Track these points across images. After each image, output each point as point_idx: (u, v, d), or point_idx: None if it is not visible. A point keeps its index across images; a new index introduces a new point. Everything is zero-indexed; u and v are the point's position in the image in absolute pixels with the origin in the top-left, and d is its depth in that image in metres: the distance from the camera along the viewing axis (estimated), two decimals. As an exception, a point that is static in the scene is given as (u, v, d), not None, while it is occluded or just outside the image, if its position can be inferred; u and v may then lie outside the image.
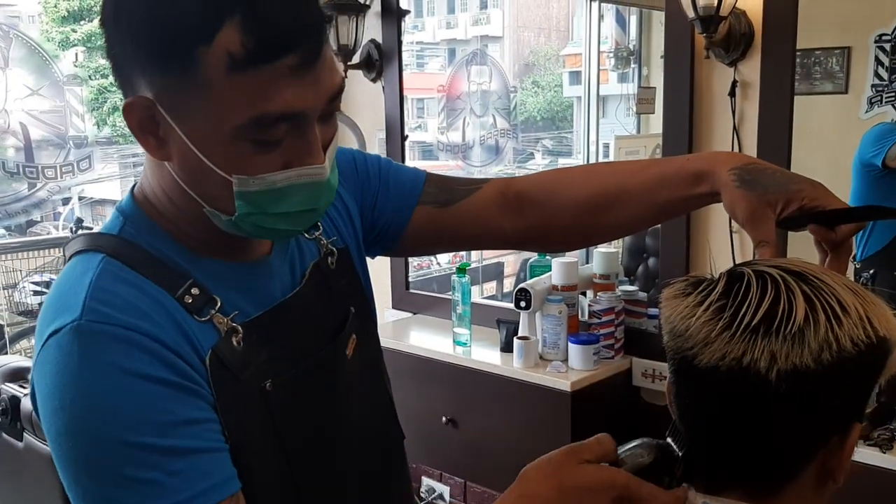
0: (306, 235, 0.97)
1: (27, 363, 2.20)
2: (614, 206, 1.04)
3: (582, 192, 1.06)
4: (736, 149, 2.25)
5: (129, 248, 0.82)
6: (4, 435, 2.01)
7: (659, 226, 2.57)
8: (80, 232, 4.38)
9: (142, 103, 0.75)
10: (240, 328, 0.84)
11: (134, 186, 0.88)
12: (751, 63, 2.21)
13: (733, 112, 2.24)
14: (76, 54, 8.53)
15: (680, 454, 0.76)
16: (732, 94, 2.24)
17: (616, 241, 3.47)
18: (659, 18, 3.49)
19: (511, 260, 4.74)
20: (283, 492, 0.89)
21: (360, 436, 1.00)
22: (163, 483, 0.74)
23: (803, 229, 0.92)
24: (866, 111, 2.58)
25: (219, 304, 0.83)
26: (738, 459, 0.74)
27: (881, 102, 2.45)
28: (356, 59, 3.03)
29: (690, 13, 2.14)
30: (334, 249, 1.00)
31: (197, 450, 0.77)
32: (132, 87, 0.76)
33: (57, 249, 4.57)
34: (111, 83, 9.52)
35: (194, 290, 0.82)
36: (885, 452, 1.85)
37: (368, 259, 1.10)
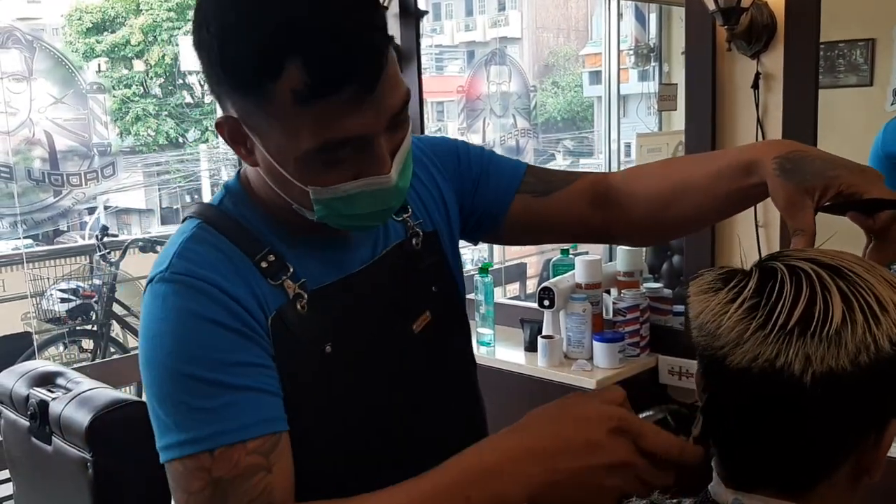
0: (395, 218, 1.04)
1: (54, 367, 2.21)
2: (680, 200, 1.05)
3: (652, 187, 1.08)
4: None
5: (223, 218, 0.94)
6: (34, 439, 2.02)
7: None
8: (105, 239, 4.43)
9: (229, 122, 0.86)
10: (305, 294, 0.93)
11: (240, 168, 1.00)
12: (774, 54, 2.18)
13: (756, 105, 2.22)
14: (99, 64, 8.64)
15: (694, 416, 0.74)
16: (755, 86, 2.21)
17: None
18: (679, 14, 3.47)
19: (533, 261, 4.73)
20: (336, 453, 0.95)
21: (425, 413, 1.03)
22: (212, 411, 0.83)
23: (844, 215, 0.91)
24: (892, 103, 2.54)
25: (290, 270, 0.92)
26: (770, 458, 0.73)
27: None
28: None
29: (711, 5, 2.12)
30: (420, 232, 1.06)
31: (246, 388, 0.85)
32: (223, 105, 0.86)
33: (83, 257, 4.63)
34: (134, 93, 9.63)
35: (270, 257, 0.92)
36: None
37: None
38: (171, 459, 0.84)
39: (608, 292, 2.65)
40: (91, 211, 6.56)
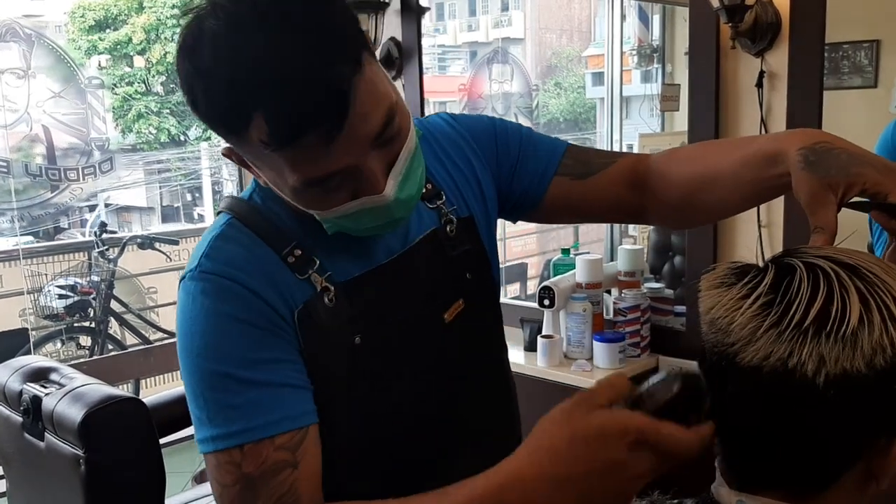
0: (428, 205, 1.05)
1: (48, 363, 2.19)
2: (710, 188, 1.04)
3: (685, 174, 1.07)
4: (763, 141, 2.20)
5: (252, 212, 0.97)
6: (26, 435, 2.00)
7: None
8: (103, 235, 4.42)
9: (232, 152, 0.89)
10: (332, 287, 0.94)
11: None
12: (778, 53, 2.16)
13: (760, 104, 2.20)
14: (99, 61, 8.62)
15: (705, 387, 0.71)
16: (760, 85, 2.19)
17: (641, 238, 3.43)
18: (682, 14, 3.45)
19: (535, 261, 4.71)
20: (367, 443, 0.96)
21: (458, 401, 1.03)
22: (241, 407, 0.87)
23: (868, 213, 0.88)
24: (897, 104, 2.53)
25: (317, 264, 0.94)
26: (777, 460, 0.71)
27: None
28: (376, 56, 3.01)
29: (716, 3, 2.10)
30: (453, 218, 1.06)
31: (273, 384, 0.88)
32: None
33: (81, 253, 4.61)
34: (136, 90, 9.63)
35: (297, 252, 0.94)
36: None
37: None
38: (206, 452, 0.88)
39: (609, 292, 2.63)
40: (92, 208, 6.55)
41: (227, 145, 0.89)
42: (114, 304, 4.46)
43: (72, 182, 3.50)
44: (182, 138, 9.56)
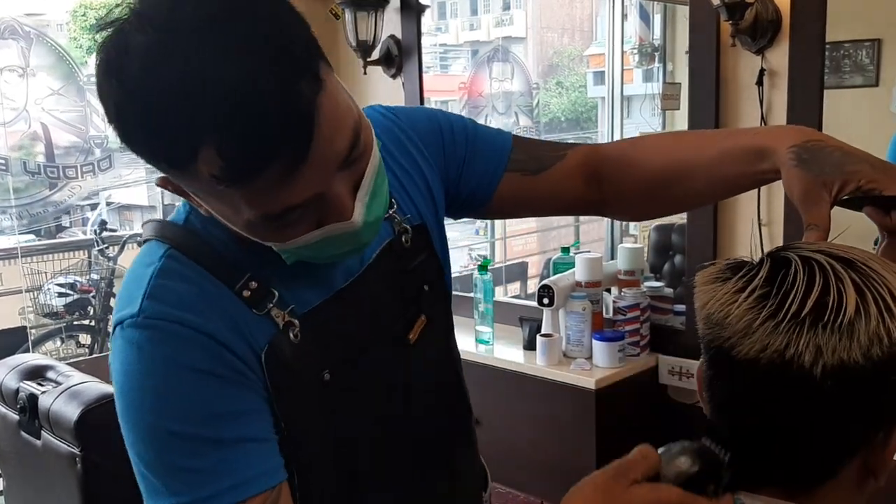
0: None
1: (46, 361, 2.19)
2: (682, 180, 1.02)
3: (653, 165, 1.04)
4: (764, 139, 2.19)
5: (192, 239, 0.84)
6: (23, 433, 2.00)
7: (685, 222, 2.53)
8: (103, 234, 4.41)
9: (169, 182, 0.77)
10: (296, 322, 0.85)
11: None
12: (778, 50, 2.15)
13: (761, 101, 2.19)
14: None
15: (723, 458, 0.70)
16: (760, 82, 2.18)
17: (641, 237, 3.42)
18: (684, 13, 3.45)
19: (535, 260, 4.70)
20: (340, 479, 0.91)
21: (426, 414, 1.00)
22: (205, 471, 0.77)
23: (862, 211, 0.88)
24: (899, 103, 2.51)
25: (276, 297, 0.84)
26: (775, 455, 0.70)
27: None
28: (375, 54, 3.01)
29: (716, 0, 2.09)
30: (408, 227, 0.99)
31: (241, 440, 0.79)
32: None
33: (81, 252, 4.61)
34: (137, 90, 9.65)
35: (252, 284, 0.83)
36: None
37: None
38: None
39: (608, 291, 2.63)
40: (93, 207, 6.55)
41: (163, 177, 0.77)
42: (113, 303, 4.45)
43: (70, 180, 3.49)
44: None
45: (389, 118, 1.03)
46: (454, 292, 1.11)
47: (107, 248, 4.41)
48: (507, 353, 2.60)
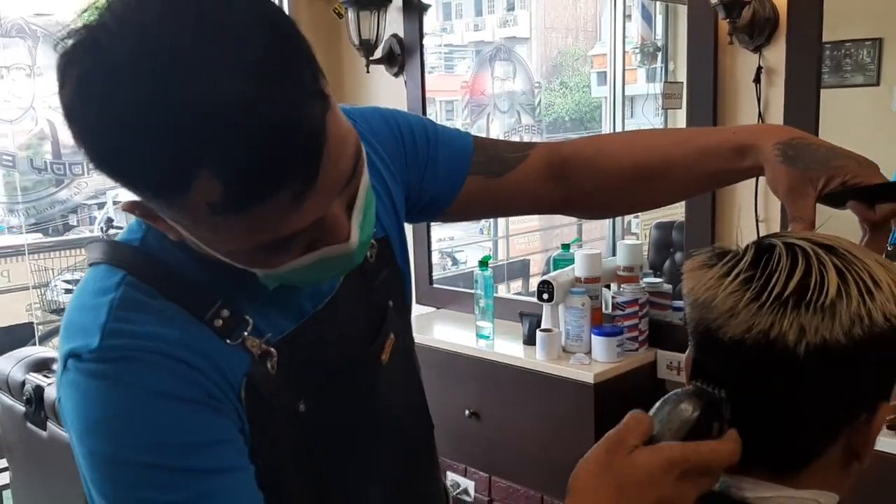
0: None
1: (51, 353, 2.22)
2: (658, 177, 1.03)
3: (625, 163, 1.04)
4: (761, 136, 2.20)
5: (150, 265, 0.76)
6: (29, 424, 2.03)
7: (684, 219, 2.55)
8: (110, 231, 4.44)
9: (139, 206, 0.70)
10: (273, 350, 0.80)
11: None
12: (776, 48, 2.17)
13: (758, 99, 2.21)
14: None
15: (720, 394, 0.71)
16: (757, 80, 2.20)
17: (642, 234, 3.44)
18: (685, 12, 3.46)
19: (538, 258, 4.72)
20: (316, 494, 0.88)
21: (393, 437, 0.97)
22: (184, 502, 0.72)
23: (844, 208, 0.90)
24: (900, 103, 2.52)
25: (250, 325, 0.78)
26: (760, 437, 0.71)
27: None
28: (378, 53, 3.03)
29: (713, -2, 2.12)
30: (373, 242, 0.92)
31: (218, 470, 0.74)
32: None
33: (87, 249, 4.61)
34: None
35: (224, 312, 0.77)
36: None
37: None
38: None
39: (608, 287, 2.64)
40: (101, 206, 6.58)
41: (133, 202, 0.69)
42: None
43: (77, 177, 3.52)
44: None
45: (351, 117, 0.91)
46: (455, 288, 1.11)
47: (113, 245, 4.42)
48: (507, 347, 2.62)
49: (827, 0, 2.08)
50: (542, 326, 2.51)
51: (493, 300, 2.68)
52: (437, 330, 2.93)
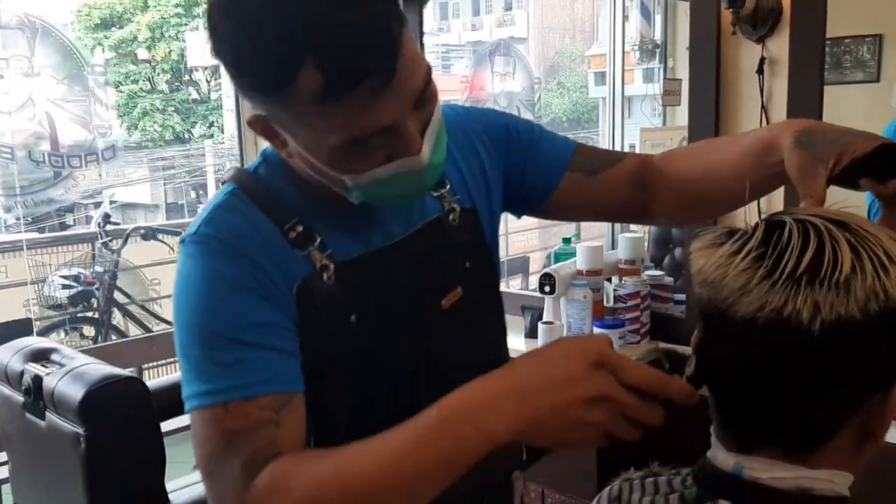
0: (432, 193, 1.05)
1: (49, 344, 2.20)
2: (710, 179, 1.06)
3: (685, 169, 1.10)
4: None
5: (256, 184, 0.97)
6: (27, 414, 2.01)
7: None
8: (107, 227, 4.43)
9: (260, 120, 0.88)
10: (331, 265, 0.95)
11: None
12: (779, 39, 2.16)
13: (761, 90, 2.20)
14: (103, 50, 8.65)
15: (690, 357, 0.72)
16: (760, 71, 2.19)
17: (642, 229, 3.43)
18: (684, 9, 3.46)
19: (537, 256, 4.72)
20: (352, 423, 0.94)
21: (436, 381, 0.99)
22: (229, 365, 0.87)
23: (860, 188, 0.90)
24: (900, 99, 2.52)
25: (318, 241, 0.95)
26: (773, 417, 0.70)
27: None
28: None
29: (716, -12, 2.11)
30: (457, 207, 1.07)
31: (263, 346, 0.88)
32: (251, 103, 0.87)
33: (85, 244, 4.63)
34: (141, 89, 9.66)
35: (299, 227, 0.94)
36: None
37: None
38: (190, 409, 0.88)
39: (609, 280, 2.63)
40: (97, 205, 6.59)
41: (254, 113, 0.88)
42: (117, 295, 4.47)
43: (74, 169, 3.52)
44: (186, 136, 9.60)
45: (460, 114, 1.13)
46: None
47: (110, 240, 4.43)
48: (510, 341, 2.56)
49: (828, -11, 2.08)
50: (544, 319, 2.51)
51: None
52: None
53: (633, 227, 3.57)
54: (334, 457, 0.81)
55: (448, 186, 1.07)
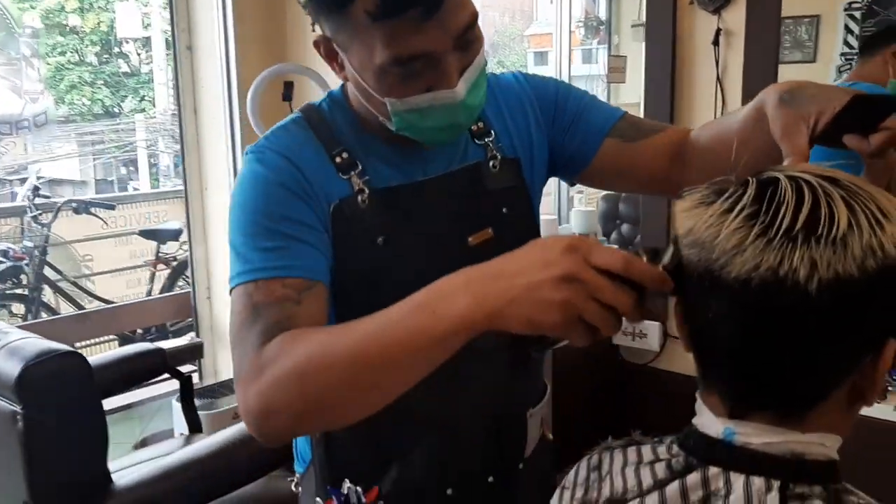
0: (476, 141, 1.14)
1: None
2: (721, 150, 1.03)
3: (703, 141, 1.13)
4: (718, 99, 2.21)
5: (316, 114, 1.10)
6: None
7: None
8: (36, 200, 4.26)
9: (324, 40, 1.00)
10: (367, 190, 1.05)
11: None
12: (735, 10, 2.17)
13: (717, 61, 2.21)
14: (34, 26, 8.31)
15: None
16: (716, 42, 2.20)
17: (592, 201, 3.44)
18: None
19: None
20: None
21: None
22: (266, 250, 0.98)
23: (843, 147, 0.89)
24: (835, 80, 2.57)
25: (359, 168, 1.06)
26: (765, 381, 0.69)
27: (850, 71, 2.44)
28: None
29: (674, -42, 2.10)
30: (498, 155, 1.14)
31: (297, 239, 0.99)
32: (319, 26, 0.99)
33: (14, 219, 4.46)
34: (69, 61, 9.31)
35: (344, 155, 1.06)
36: None
37: None
38: (231, 287, 0.99)
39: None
40: (23, 181, 6.34)
41: (321, 35, 1.00)
42: (48, 271, 4.30)
43: (4, 136, 3.36)
44: (116, 110, 9.29)
45: (519, 80, 1.20)
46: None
47: (40, 214, 4.26)
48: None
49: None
50: (497, 292, 2.48)
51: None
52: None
53: (576, 208, 3.59)
54: (328, 332, 0.87)
55: (493, 135, 1.14)
